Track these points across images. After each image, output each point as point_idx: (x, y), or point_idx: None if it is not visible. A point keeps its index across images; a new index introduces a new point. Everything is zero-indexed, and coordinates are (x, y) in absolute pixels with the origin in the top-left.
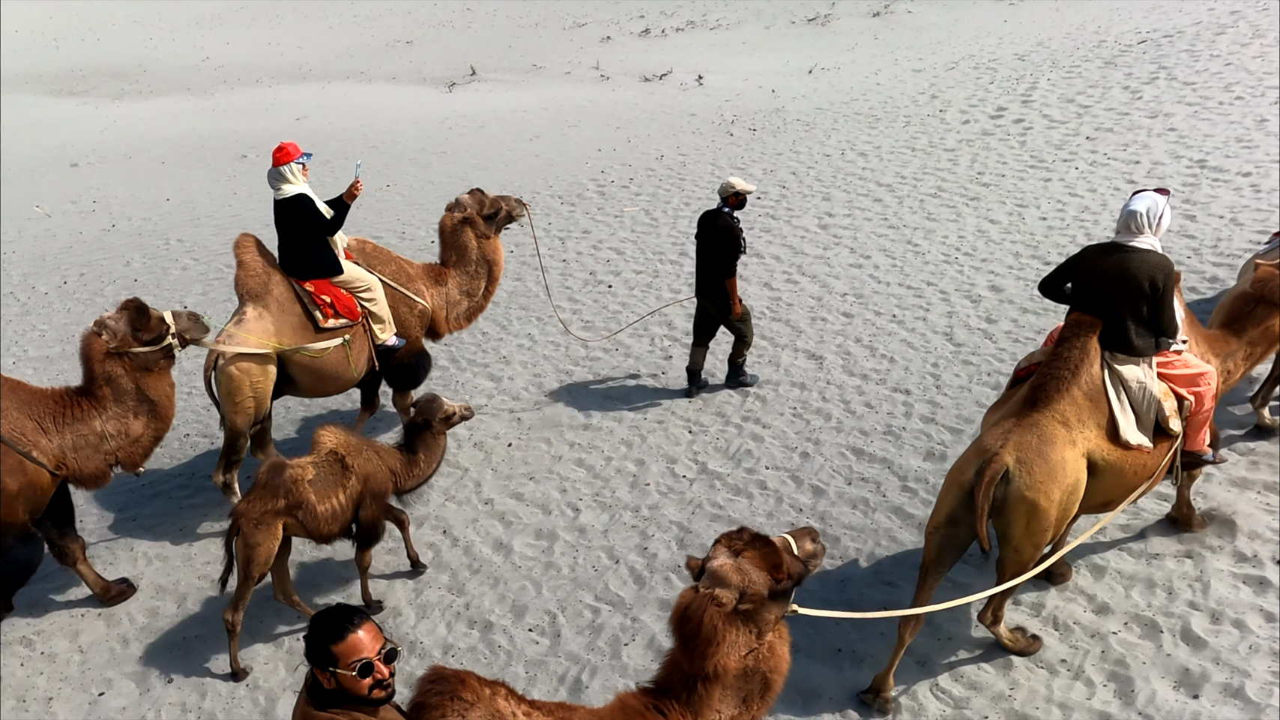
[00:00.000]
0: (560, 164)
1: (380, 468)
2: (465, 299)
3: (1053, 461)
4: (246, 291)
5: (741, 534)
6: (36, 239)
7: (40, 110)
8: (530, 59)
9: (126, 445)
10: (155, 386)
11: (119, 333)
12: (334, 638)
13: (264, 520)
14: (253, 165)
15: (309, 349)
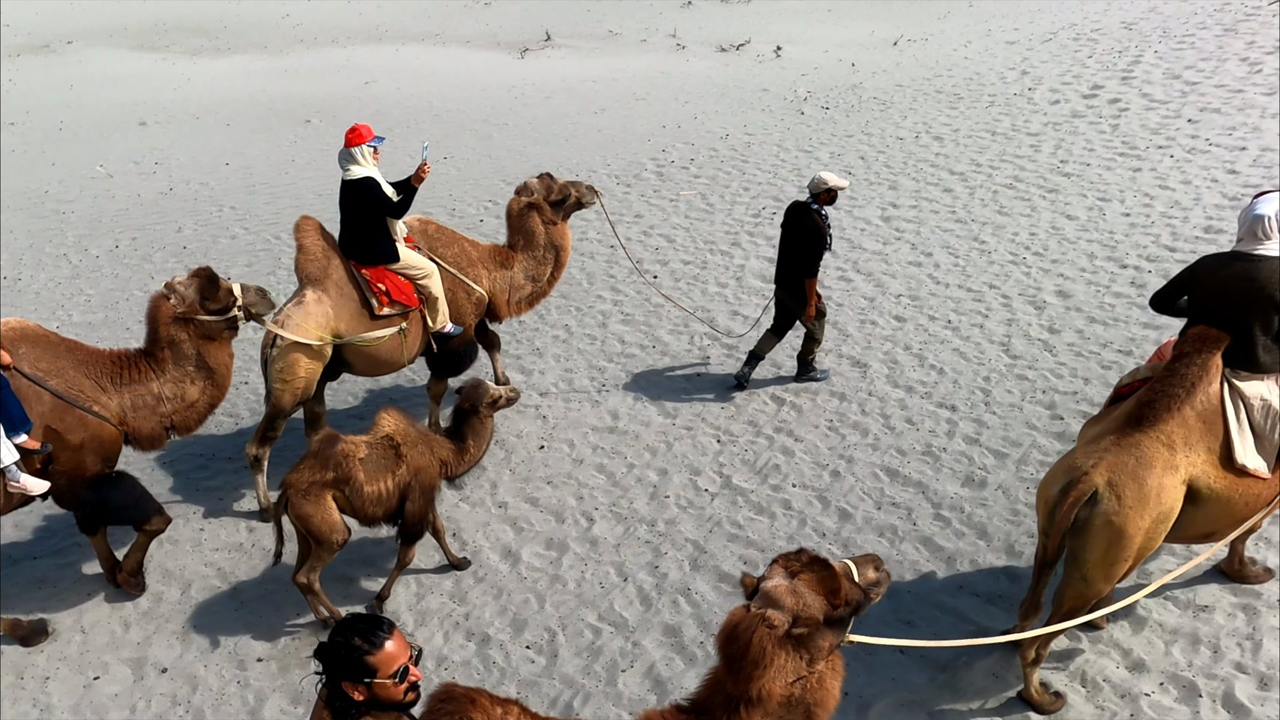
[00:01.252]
0: (622, 141)
1: (432, 462)
2: (529, 284)
3: (1147, 486)
4: (306, 275)
5: (800, 555)
6: (96, 199)
7: (120, 65)
8: (607, 24)
9: (182, 409)
10: (215, 355)
11: (187, 299)
12: (370, 649)
13: (311, 491)
14: (315, 131)
15: (365, 339)
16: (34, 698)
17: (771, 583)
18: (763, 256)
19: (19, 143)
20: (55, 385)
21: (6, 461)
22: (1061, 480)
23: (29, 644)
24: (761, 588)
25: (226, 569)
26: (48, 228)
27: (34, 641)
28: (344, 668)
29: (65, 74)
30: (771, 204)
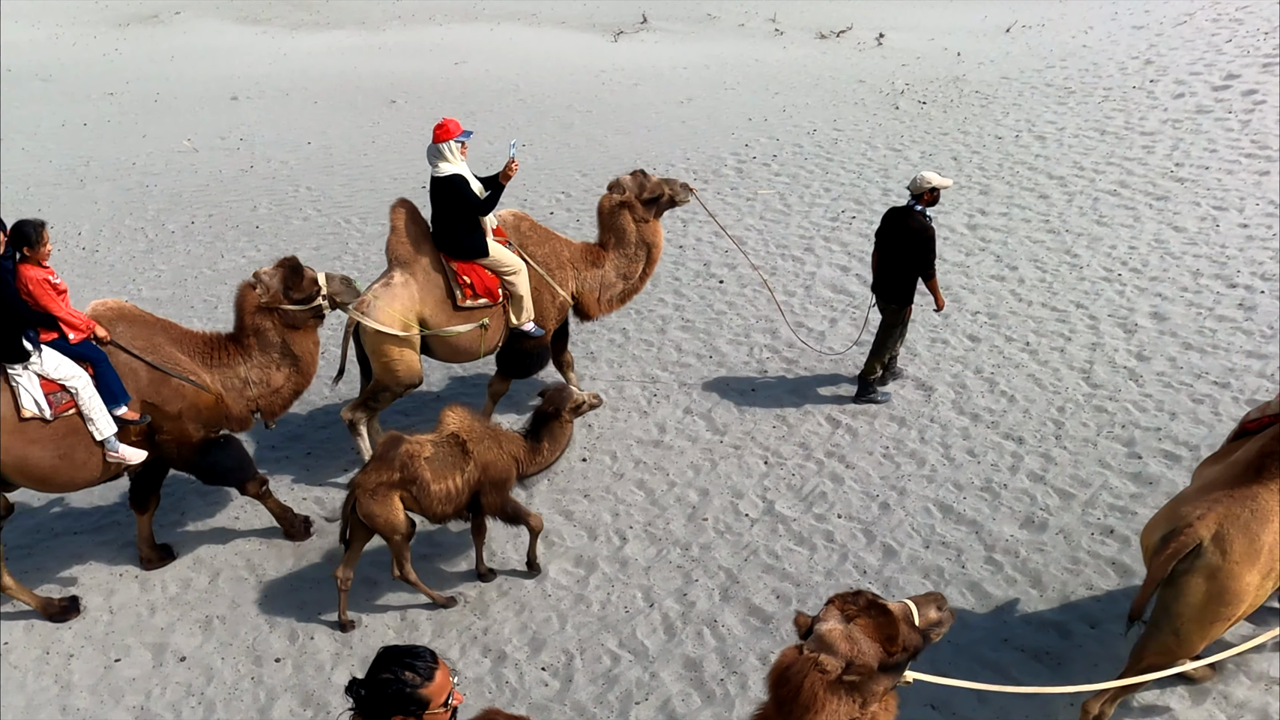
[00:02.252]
0: (705, 133)
1: (501, 456)
2: (621, 282)
3: (1260, 543)
4: (396, 257)
5: (858, 598)
6: (179, 174)
7: (221, 37)
8: (707, 6)
9: (267, 394)
10: (300, 343)
11: (272, 288)
12: (424, 682)
13: (378, 491)
14: (398, 112)
15: (446, 332)
16: (56, 674)
17: (826, 625)
18: (835, 264)
19: (116, 113)
20: (153, 359)
21: (106, 433)
22: (1164, 528)
23: (59, 621)
24: (816, 629)
25: (256, 561)
26: (130, 200)
27: (63, 618)
28: (395, 703)
29: (169, 45)
30: (852, 207)
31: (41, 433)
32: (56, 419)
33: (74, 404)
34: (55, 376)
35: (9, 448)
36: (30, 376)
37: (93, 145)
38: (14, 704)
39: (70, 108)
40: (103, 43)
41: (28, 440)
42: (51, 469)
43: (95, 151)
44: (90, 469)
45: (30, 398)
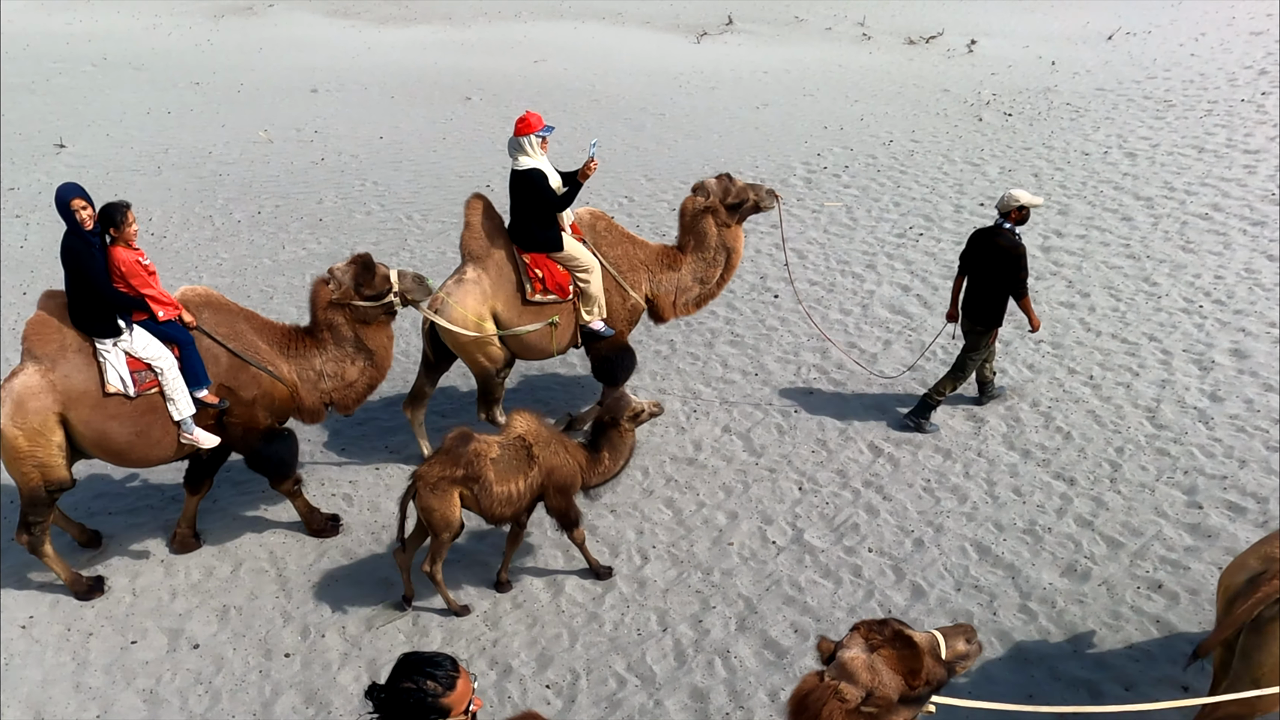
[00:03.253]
0: (778, 140)
1: (567, 462)
2: (697, 285)
3: None
4: (469, 252)
5: (884, 627)
6: (252, 164)
7: (311, 30)
8: (795, 9)
9: (341, 388)
10: (373, 337)
11: (344, 284)
12: (446, 691)
13: (439, 485)
14: (472, 109)
15: (518, 332)
16: (74, 651)
17: (849, 653)
18: (897, 283)
19: (200, 102)
20: (235, 346)
21: (185, 414)
22: (1251, 570)
23: (82, 599)
24: (838, 656)
25: (279, 554)
26: (203, 188)
27: (88, 596)
28: (417, 712)
29: (258, 37)
30: (920, 224)
31: (122, 409)
32: (138, 397)
33: (157, 383)
34: (142, 355)
35: (90, 421)
36: (118, 354)
37: (173, 133)
38: (31, 677)
39: (157, 96)
40: (196, 33)
41: (108, 415)
42: (128, 445)
43: (175, 139)
44: (164, 448)
45: (116, 374)
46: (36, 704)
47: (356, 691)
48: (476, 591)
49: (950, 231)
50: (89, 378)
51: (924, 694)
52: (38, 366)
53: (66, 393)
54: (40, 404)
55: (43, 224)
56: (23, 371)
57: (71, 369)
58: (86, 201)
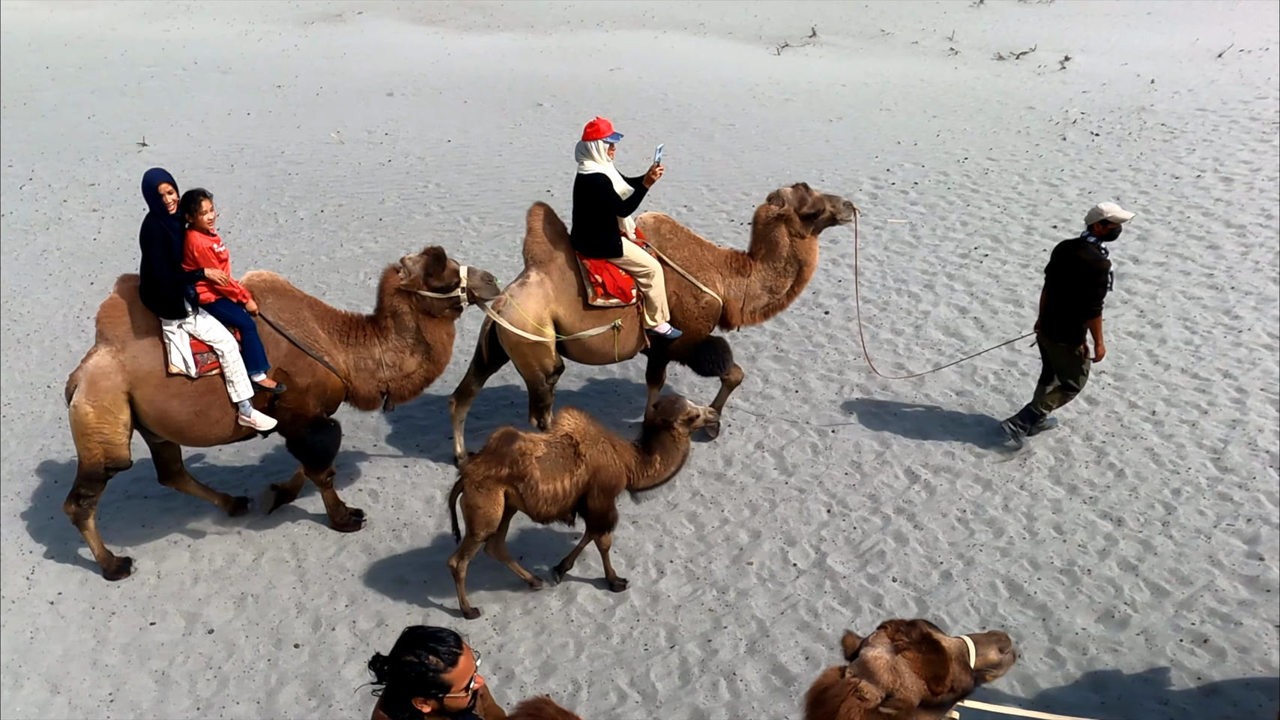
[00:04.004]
0: (847, 154)
1: (614, 462)
2: (766, 294)
3: None
4: (532, 257)
5: (912, 629)
6: (321, 164)
7: (395, 36)
8: (882, 22)
9: (398, 378)
10: (434, 331)
11: (413, 273)
12: (447, 667)
13: (485, 484)
14: (543, 115)
15: (580, 336)
16: (96, 629)
17: (873, 652)
18: (954, 305)
19: (278, 105)
20: (294, 333)
21: (243, 396)
22: None
23: (110, 578)
24: (861, 654)
25: (300, 545)
26: (271, 186)
27: (115, 576)
28: (417, 685)
29: (344, 42)
30: (987, 244)
31: (184, 389)
32: (199, 378)
33: (218, 365)
34: (205, 338)
35: (152, 399)
36: (183, 335)
37: (250, 133)
38: (53, 652)
39: (240, 98)
40: (285, 39)
41: (170, 394)
42: (188, 423)
43: (251, 140)
44: (223, 427)
45: (179, 355)
46: (55, 678)
47: (361, 686)
48: (489, 594)
49: (1017, 254)
50: (155, 358)
51: (947, 701)
52: (109, 348)
53: (134, 372)
54: (111, 383)
55: (116, 218)
56: (96, 353)
57: (139, 350)
58: (172, 187)
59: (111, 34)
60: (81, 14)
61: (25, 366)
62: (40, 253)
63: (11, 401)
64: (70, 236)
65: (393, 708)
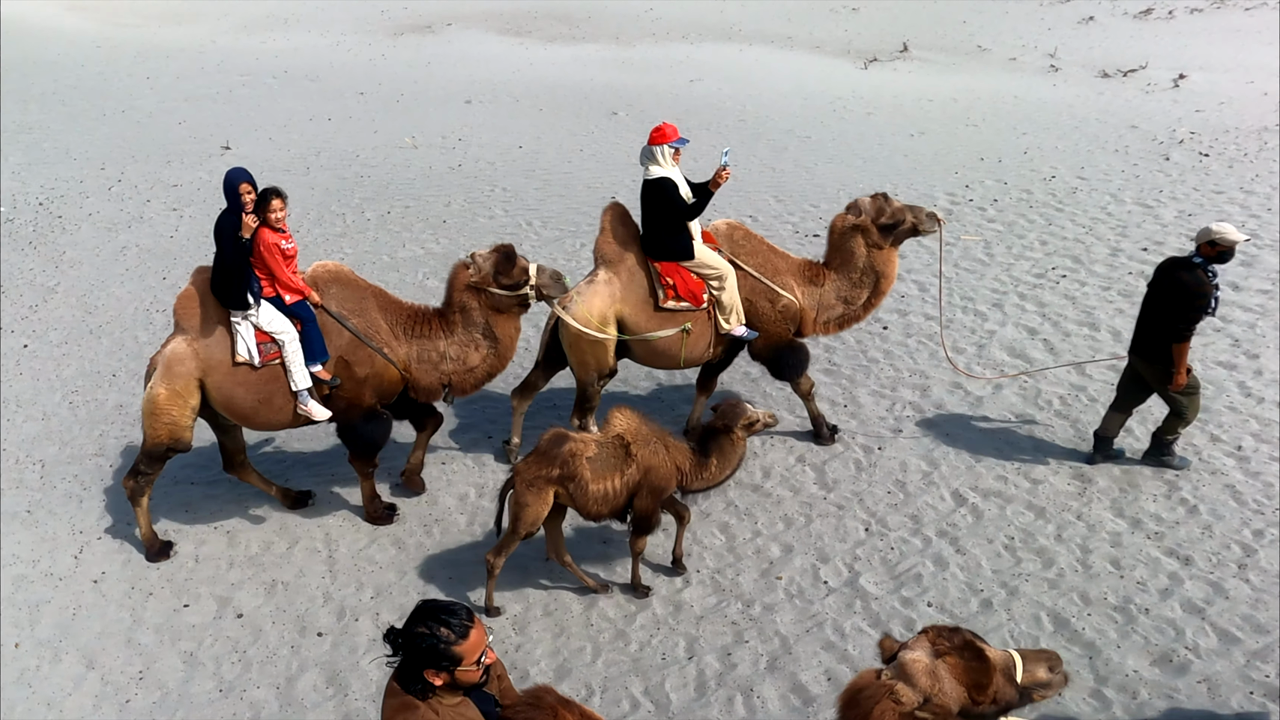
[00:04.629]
0: (925, 169)
1: (665, 463)
2: (841, 305)
3: None
4: (602, 256)
5: (954, 635)
6: (393, 167)
7: (481, 47)
8: (979, 39)
9: (461, 371)
10: (502, 326)
11: (483, 270)
12: (457, 640)
13: (535, 483)
14: (617, 124)
15: (647, 338)
16: (133, 608)
17: (911, 655)
18: (1023, 325)
19: (360, 111)
20: (355, 324)
21: (301, 386)
22: None
23: (151, 559)
24: (899, 656)
25: (333, 536)
26: (342, 187)
27: (155, 558)
28: (429, 657)
29: (431, 53)
30: (1066, 265)
31: (248, 377)
32: (263, 367)
33: (279, 355)
34: (268, 329)
35: (220, 386)
36: (248, 326)
37: (328, 138)
38: (91, 628)
39: (324, 104)
40: (374, 50)
41: (236, 382)
42: (251, 410)
43: (329, 143)
44: (285, 415)
45: (245, 345)
46: (90, 654)
47: (377, 677)
48: (511, 594)
49: (1099, 276)
50: (224, 347)
51: (988, 713)
52: (184, 336)
53: (206, 360)
54: (184, 369)
55: (194, 218)
56: (172, 340)
57: (211, 338)
58: (252, 187)
59: (211, 46)
60: (187, 29)
61: (95, 356)
62: (120, 249)
63: (79, 389)
64: (149, 234)
65: (406, 680)
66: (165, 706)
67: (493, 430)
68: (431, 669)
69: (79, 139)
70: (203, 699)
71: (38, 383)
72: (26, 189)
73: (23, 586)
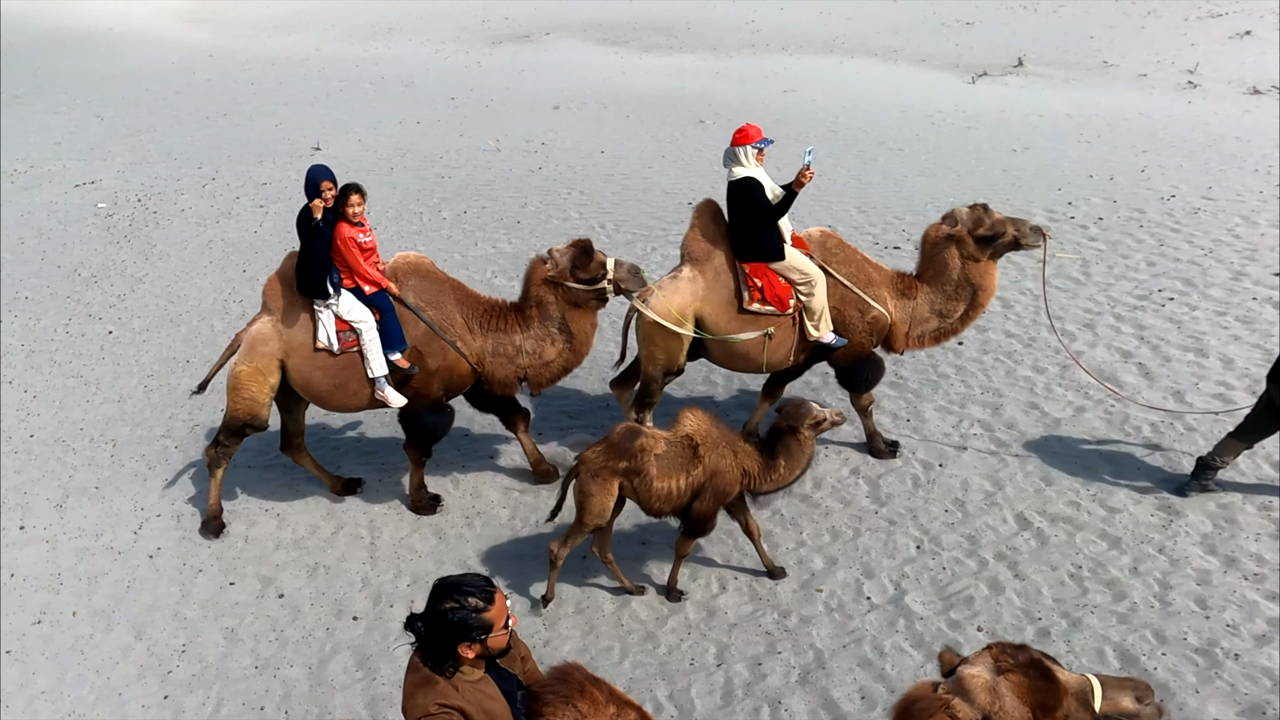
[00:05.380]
0: (1024, 185)
1: (731, 468)
2: (935, 319)
3: None
4: (689, 254)
5: (1019, 653)
6: (474, 169)
7: (576, 55)
8: (1106, 54)
9: (537, 365)
10: (579, 321)
11: (560, 265)
12: (486, 605)
13: (600, 474)
14: (703, 132)
15: (727, 339)
16: (183, 584)
17: (971, 670)
18: (1117, 348)
19: (449, 115)
20: (431, 316)
21: (377, 373)
22: None
23: (205, 532)
24: (959, 670)
25: (377, 523)
26: (423, 188)
27: (208, 532)
28: (461, 630)
29: (526, 61)
30: (1175, 288)
31: (327, 362)
32: (341, 354)
33: (357, 343)
34: (348, 318)
35: (300, 368)
36: (329, 314)
37: (415, 140)
38: (142, 601)
39: (415, 108)
40: (470, 57)
41: (315, 365)
42: (327, 393)
43: (414, 145)
44: (360, 399)
45: (325, 332)
46: (139, 625)
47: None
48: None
49: (1214, 300)
50: (306, 331)
51: None
52: (270, 318)
53: (288, 342)
54: (267, 349)
55: (278, 214)
56: (259, 321)
57: (294, 322)
58: (333, 184)
59: (316, 54)
60: (295, 38)
61: (172, 343)
62: (207, 243)
63: (154, 374)
64: (235, 229)
65: (436, 659)
66: (204, 679)
67: (542, 427)
68: (465, 641)
69: (181, 140)
70: (238, 674)
71: (118, 367)
72: (128, 186)
73: (84, 558)
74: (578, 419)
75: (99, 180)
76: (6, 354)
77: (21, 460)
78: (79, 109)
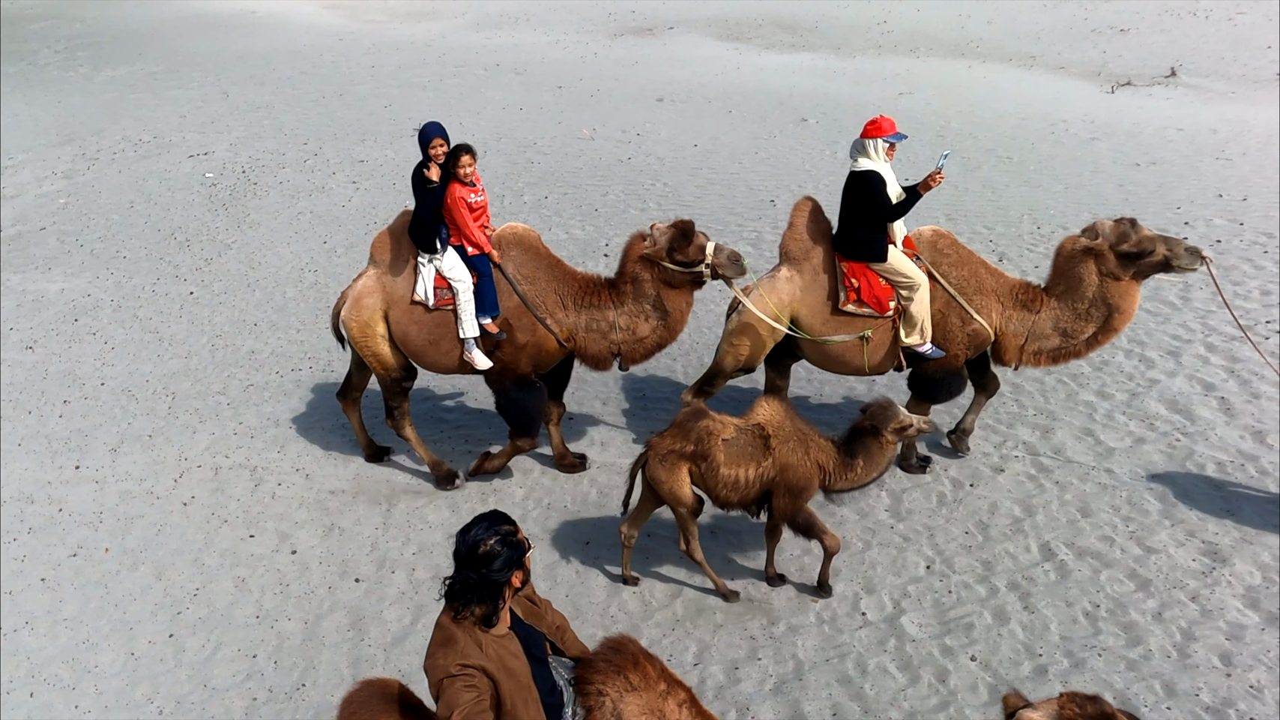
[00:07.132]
0: (1140, 201)
1: (804, 462)
2: (1058, 337)
3: None
4: (787, 253)
5: (1091, 703)
6: (564, 156)
7: (695, 50)
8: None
9: (630, 341)
10: (674, 300)
11: (658, 243)
12: (516, 527)
13: (669, 458)
14: (802, 130)
15: (821, 340)
16: (208, 533)
17: (1034, 714)
18: (1200, 379)
19: (552, 103)
20: (525, 290)
21: (468, 334)
22: None
23: (440, 486)
24: (1019, 714)
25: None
26: (510, 171)
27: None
28: (513, 558)
29: (642, 54)
30: None
31: (423, 317)
32: (436, 310)
33: (453, 301)
34: (448, 275)
35: (399, 321)
36: (430, 269)
37: (512, 125)
38: (168, 545)
39: (522, 95)
40: (587, 49)
41: (411, 320)
42: (421, 348)
43: (511, 131)
44: (451, 359)
45: (423, 286)
46: (161, 567)
47: (395, 628)
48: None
49: None
50: (407, 285)
51: None
52: (375, 271)
53: (390, 294)
54: (371, 302)
55: (368, 190)
56: (364, 275)
57: (397, 275)
58: (444, 140)
59: (440, 41)
60: (424, 25)
61: (245, 306)
62: (296, 214)
63: (223, 334)
64: (325, 202)
65: (490, 599)
66: (209, 623)
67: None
68: (518, 569)
69: (295, 117)
70: (240, 621)
71: (192, 326)
72: (237, 158)
73: (126, 500)
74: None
75: (212, 152)
76: (95, 308)
77: (89, 405)
78: (208, 86)
